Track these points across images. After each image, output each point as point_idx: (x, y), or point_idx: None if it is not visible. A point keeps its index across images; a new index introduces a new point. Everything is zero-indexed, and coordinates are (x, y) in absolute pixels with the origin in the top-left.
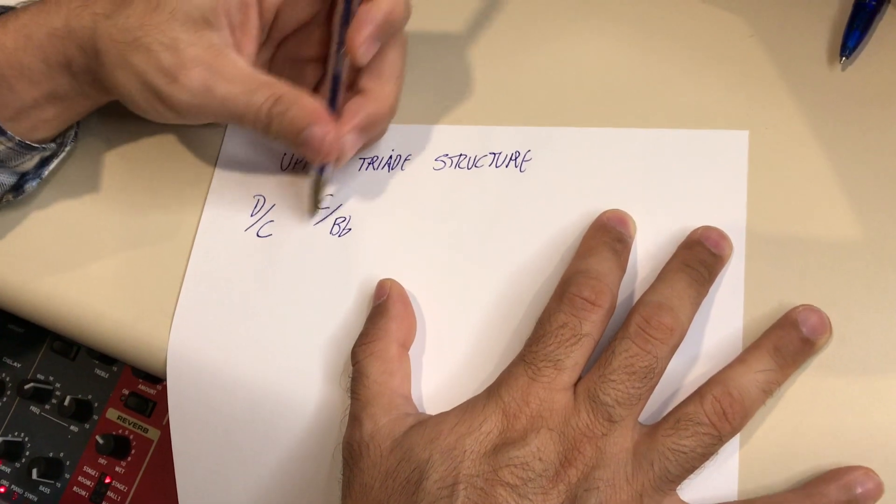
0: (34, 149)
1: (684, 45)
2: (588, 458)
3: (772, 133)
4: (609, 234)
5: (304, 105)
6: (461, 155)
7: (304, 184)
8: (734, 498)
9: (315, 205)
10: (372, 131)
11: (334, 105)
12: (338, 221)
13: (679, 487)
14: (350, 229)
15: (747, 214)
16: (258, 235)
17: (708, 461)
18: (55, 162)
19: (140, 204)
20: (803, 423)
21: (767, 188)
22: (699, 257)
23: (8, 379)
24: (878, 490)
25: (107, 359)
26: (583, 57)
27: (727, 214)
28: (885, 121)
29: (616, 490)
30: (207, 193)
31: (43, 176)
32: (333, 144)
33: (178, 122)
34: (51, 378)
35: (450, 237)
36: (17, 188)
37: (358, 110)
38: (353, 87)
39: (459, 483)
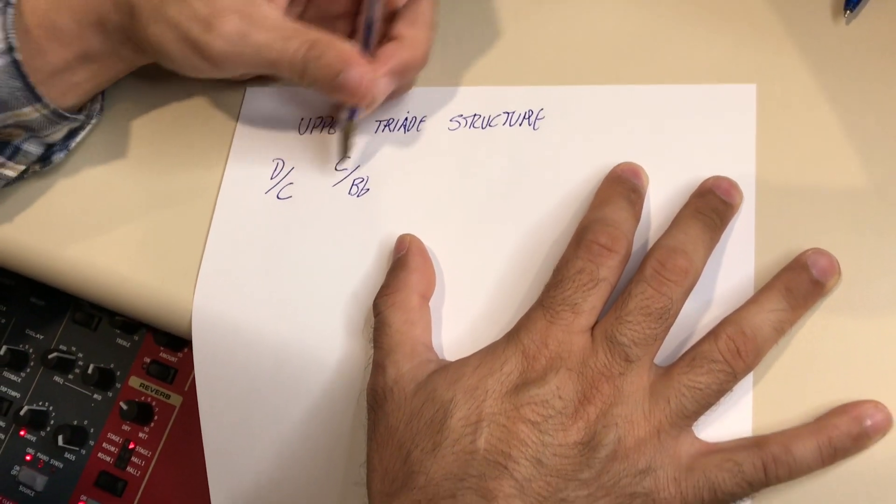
0: (65, 118)
1: (692, 3)
2: (606, 396)
3: (779, 86)
4: (623, 185)
5: (339, 49)
6: (475, 115)
7: (324, 145)
8: (749, 434)
9: (345, 150)
10: (405, 76)
11: (367, 49)
12: (356, 182)
13: (695, 425)
14: (368, 189)
15: (756, 165)
16: (278, 198)
17: (723, 398)
18: (82, 134)
19: (162, 170)
20: (815, 361)
21: (775, 139)
22: (711, 205)
23: (31, 350)
24: (888, 422)
25: (129, 328)
26: (592, 16)
27: (737, 165)
28: (888, 72)
29: (634, 426)
30: (227, 158)
31: (70, 147)
32: (369, 86)
33: (211, 76)
34: (73, 348)
35: (466, 194)
36: (44, 159)
37: (392, 54)
38: (387, 36)
39: (483, 420)
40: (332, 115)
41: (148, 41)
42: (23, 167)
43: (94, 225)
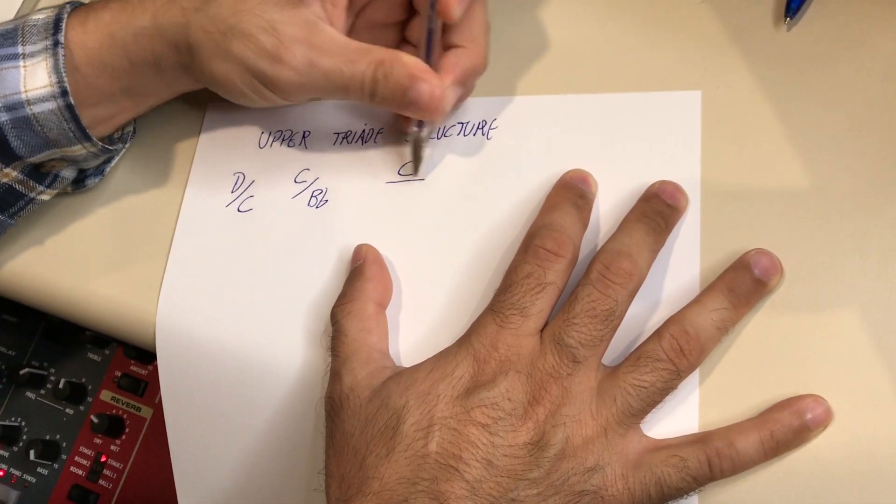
0: (108, 151)
1: (639, 13)
2: (554, 396)
3: (723, 92)
4: (571, 191)
5: (405, 64)
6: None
7: (283, 158)
8: (695, 430)
9: (418, 163)
10: (469, 83)
11: (429, 60)
12: (315, 194)
13: (643, 423)
14: (327, 201)
15: (701, 169)
16: (239, 210)
17: (668, 396)
18: (117, 158)
19: (124, 185)
20: (759, 358)
21: (720, 144)
22: (656, 208)
23: (3, 366)
24: (827, 415)
25: (99, 342)
26: (542, 29)
27: (683, 170)
28: (828, 76)
29: (582, 425)
30: (189, 172)
31: (105, 172)
32: (442, 98)
33: (276, 105)
34: (45, 364)
35: (422, 203)
36: (77, 181)
37: (456, 63)
38: (445, 44)
39: (434, 425)
40: (290, 129)
41: (212, 77)
42: (57, 192)
43: (56, 240)
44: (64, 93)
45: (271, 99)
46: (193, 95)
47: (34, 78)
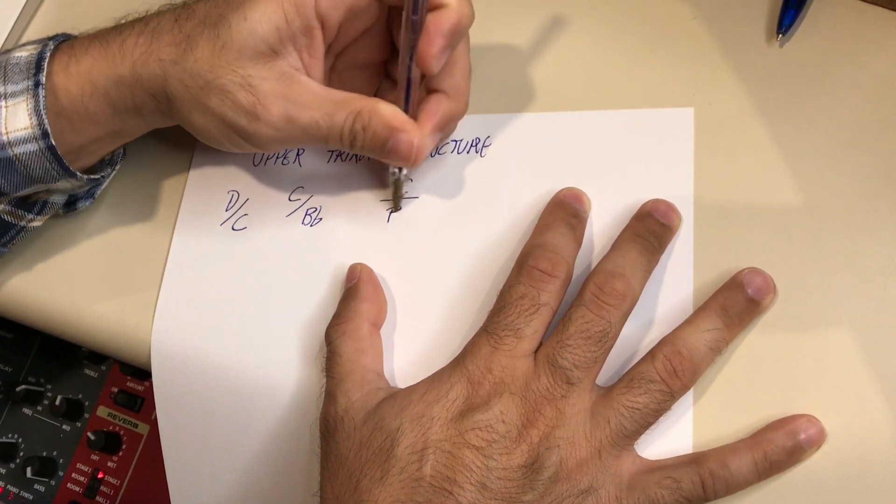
0: (97, 180)
1: (631, 31)
2: (549, 418)
3: (716, 109)
4: (565, 211)
5: (383, 116)
6: None
7: (278, 176)
8: (690, 451)
9: (398, 201)
10: (449, 128)
11: (407, 108)
12: (309, 212)
13: (637, 443)
14: (321, 219)
15: (695, 186)
16: (233, 229)
17: (662, 417)
18: (107, 182)
19: (118, 204)
20: (753, 378)
21: (713, 161)
22: (649, 228)
23: (0, 383)
24: (821, 435)
25: (95, 358)
26: (535, 47)
27: (676, 187)
28: (820, 92)
29: (576, 447)
30: (183, 191)
31: (95, 195)
32: (421, 148)
33: (254, 152)
34: (41, 380)
35: (416, 221)
36: (68, 205)
37: (436, 109)
38: (426, 89)
39: (429, 448)
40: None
41: (192, 126)
42: (48, 216)
43: (52, 260)
44: (45, 135)
45: (250, 150)
46: None
47: (15, 119)
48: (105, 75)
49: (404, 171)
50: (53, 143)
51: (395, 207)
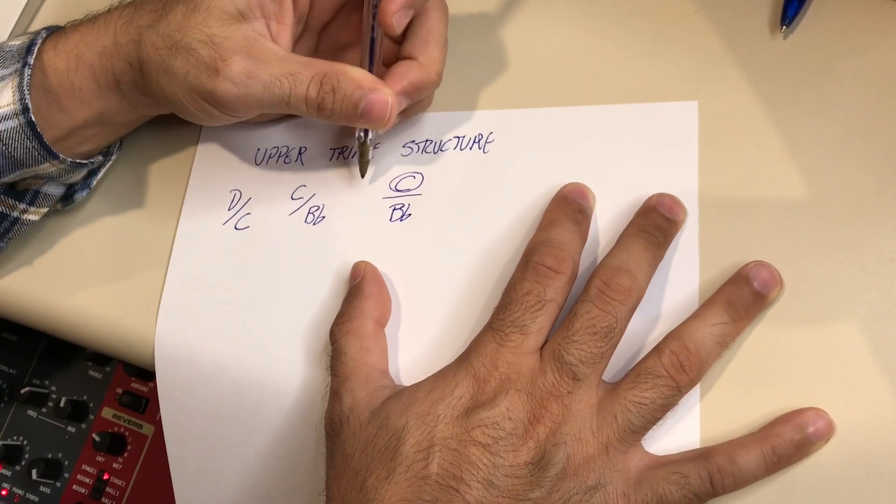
0: (83, 165)
1: (634, 25)
2: (555, 415)
3: (720, 102)
4: (570, 206)
5: (353, 77)
6: (427, 140)
7: (280, 175)
8: (697, 446)
9: (364, 167)
10: (417, 96)
11: (371, 69)
12: (312, 210)
13: (644, 439)
14: (324, 217)
15: (699, 180)
16: (236, 228)
17: (669, 412)
18: (102, 171)
19: (121, 204)
20: (760, 371)
21: (717, 154)
22: (654, 222)
23: (4, 385)
24: (829, 428)
25: (100, 360)
26: (537, 41)
27: (680, 181)
28: (825, 84)
29: (582, 443)
30: (186, 190)
31: (91, 185)
32: (393, 108)
33: (227, 122)
34: (46, 382)
35: (419, 218)
36: (66, 198)
37: (405, 74)
38: (399, 55)
39: (434, 445)
40: (286, 145)
41: (162, 93)
42: (46, 209)
43: (53, 259)
44: (25, 109)
45: (216, 115)
46: None
47: (0, 99)
48: (89, 46)
49: (371, 136)
50: (33, 118)
51: (362, 174)
